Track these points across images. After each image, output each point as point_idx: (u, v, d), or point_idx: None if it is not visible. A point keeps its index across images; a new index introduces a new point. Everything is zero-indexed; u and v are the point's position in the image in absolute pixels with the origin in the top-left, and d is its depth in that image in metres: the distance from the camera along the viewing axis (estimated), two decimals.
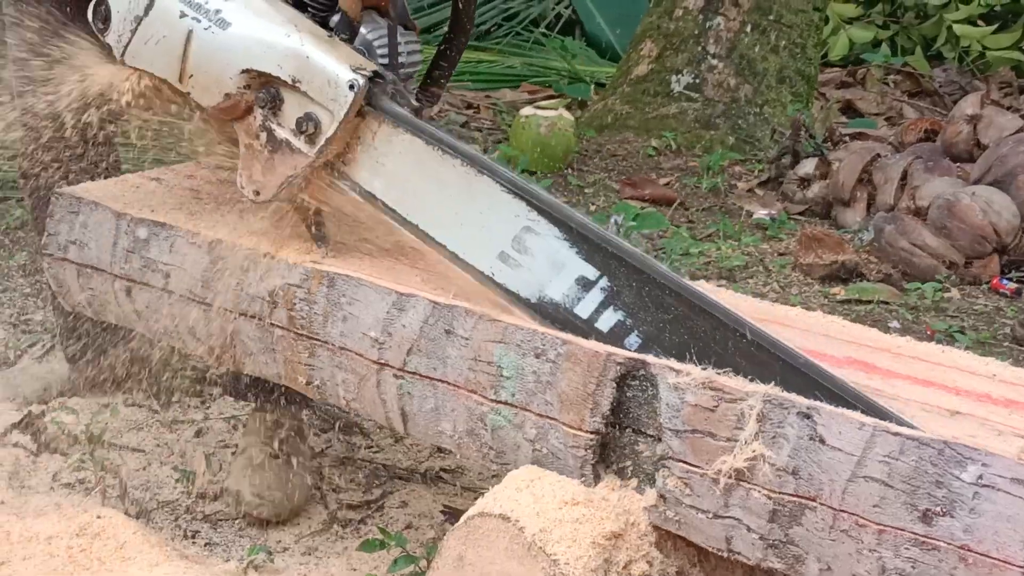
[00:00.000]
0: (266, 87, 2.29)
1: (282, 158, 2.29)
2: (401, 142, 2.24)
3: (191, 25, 2.33)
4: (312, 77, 2.25)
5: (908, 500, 1.70)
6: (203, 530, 2.77)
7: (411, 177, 2.25)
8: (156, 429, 3.16)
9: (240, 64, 2.29)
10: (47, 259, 2.69)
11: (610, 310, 2.07)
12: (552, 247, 2.12)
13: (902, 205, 4.92)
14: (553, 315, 2.10)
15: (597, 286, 2.08)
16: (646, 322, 2.03)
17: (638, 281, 2.05)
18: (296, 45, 2.26)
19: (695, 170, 5.98)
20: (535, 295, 2.13)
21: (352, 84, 2.22)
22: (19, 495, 2.82)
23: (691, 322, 2.00)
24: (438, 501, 2.91)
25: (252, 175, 2.33)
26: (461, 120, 6.80)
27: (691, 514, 1.89)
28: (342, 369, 2.27)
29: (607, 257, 2.08)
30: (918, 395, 1.97)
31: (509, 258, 2.15)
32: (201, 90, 2.35)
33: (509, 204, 2.15)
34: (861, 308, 4.32)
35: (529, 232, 2.14)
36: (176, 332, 2.53)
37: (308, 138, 2.26)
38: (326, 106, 2.24)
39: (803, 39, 6.56)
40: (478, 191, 2.18)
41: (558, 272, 2.11)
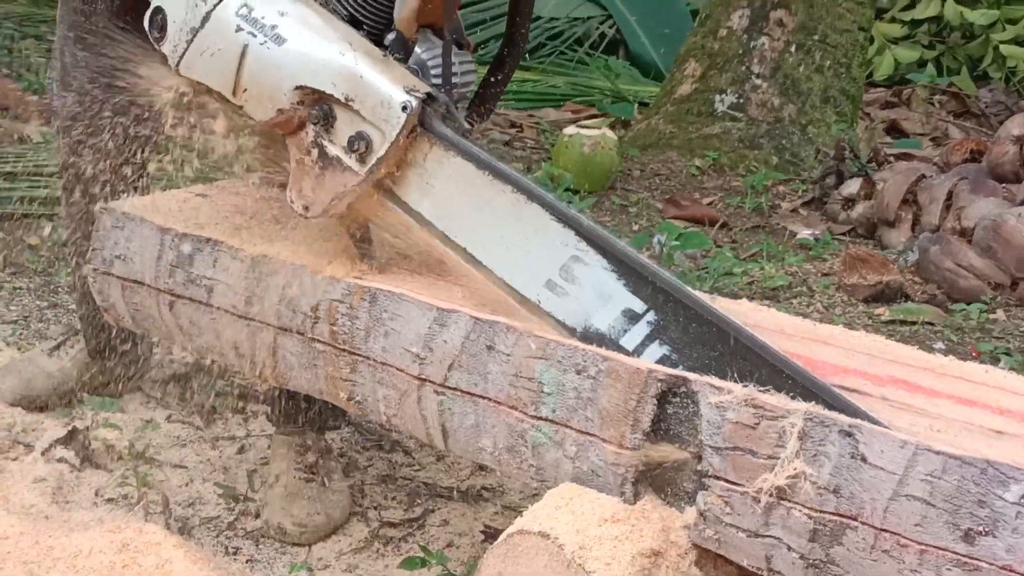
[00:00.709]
0: (319, 104, 2.29)
1: (332, 175, 2.30)
2: (452, 165, 2.25)
3: (247, 39, 2.34)
4: (365, 96, 2.25)
5: (950, 520, 1.69)
6: (245, 547, 2.78)
7: (460, 200, 2.25)
8: (199, 445, 3.18)
9: (294, 80, 2.30)
10: (92, 273, 2.72)
11: (655, 344, 2.07)
12: (600, 278, 2.12)
13: (947, 226, 4.89)
14: (599, 346, 2.08)
15: (644, 319, 2.09)
16: (691, 358, 2.03)
17: (685, 317, 2.05)
18: (350, 64, 2.27)
19: (738, 190, 5.96)
20: (581, 325, 2.13)
21: (405, 105, 2.22)
22: (63, 510, 2.83)
23: (735, 360, 2.00)
24: (479, 519, 2.91)
25: (302, 190, 2.34)
26: (505, 139, 6.81)
27: (731, 533, 1.88)
28: (383, 385, 2.27)
29: (655, 291, 2.08)
30: (961, 415, 1.95)
31: (556, 286, 2.16)
32: (255, 104, 2.36)
33: (558, 232, 2.16)
34: (906, 329, 4.30)
35: (577, 262, 2.14)
36: (219, 347, 2.55)
37: (359, 157, 2.26)
38: (378, 126, 2.25)
39: (848, 59, 6.54)
40: (527, 218, 2.19)
41: (605, 303, 2.11)
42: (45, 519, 2.73)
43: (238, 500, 2.91)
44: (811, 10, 6.47)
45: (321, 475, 2.87)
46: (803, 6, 6.47)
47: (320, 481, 2.86)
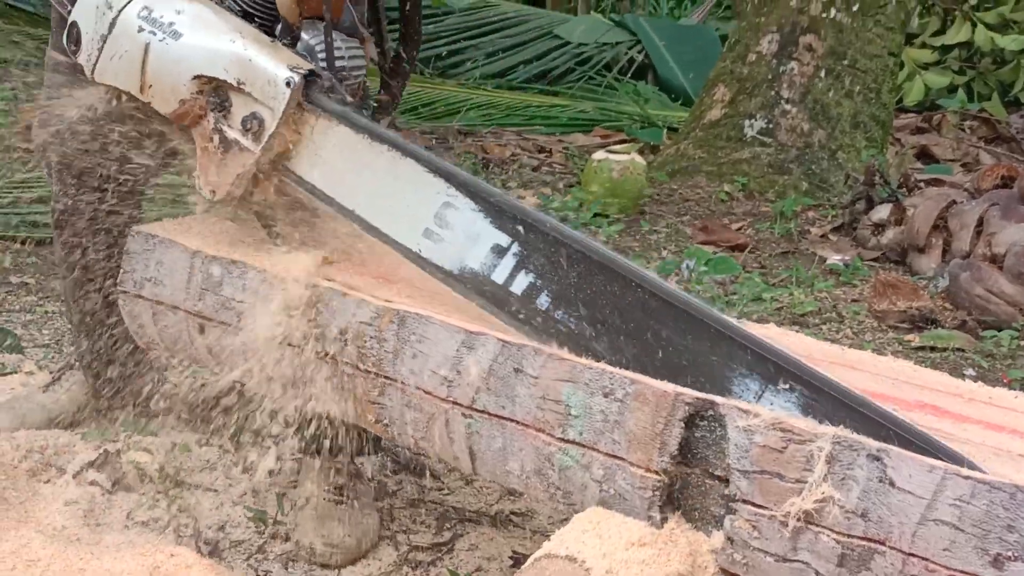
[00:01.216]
0: (216, 91, 2.46)
1: (233, 157, 2.46)
2: (335, 134, 2.40)
3: (148, 38, 2.51)
4: (255, 78, 2.42)
5: (979, 544, 1.68)
6: (275, 570, 2.78)
7: (345, 165, 2.40)
8: (229, 468, 3.18)
9: (192, 71, 2.47)
10: (122, 296, 2.74)
11: (522, 273, 2.20)
12: (469, 219, 2.26)
13: (978, 252, 4.88)
14: (473, 283, 2.25)
15: (509, 252, 2.22)
16: (554, 282, 2.17)
17: (545, 244, 2.18)
18: (240, 50, 2.44)
19: (768, 215, 5.96)
20: (457, 266, 2.27)
21: (288, 81, 2.38)
22: (94, 532, 2.84)
23: (592, 279, 2.12)
24: (508, 544, 2.91)
25: (208, 176, 2.50)
26: (533, 163, 6.83)
27: (759, 557, 1.88)
28: (411, 408, 2.28)
29: (516, 224, 2.21)
30: (990, 440, 1.95)
31: (433, 233, 2.29)
32: (160, 99, 2.52)
33: (431, 183, 2.30)
34: (936, 355, 4.28)
35: (449, 207, 2.28)
36: (248, 370, 2.56)
37: (254, 136, 2.42)
38: (268, 104, 2.41)
39: (878, 84, 6.54)
40: (402, 173, 2.33)
41: (475, 242, 2.25)
42: (77, 541, 2.74)
43: (267, 523, 2.91)
44: (841, 35, 6.47)
45: (351, 498, 2.88)
46: (833, 31, 6.47)
47: (350, 504, 2.87)
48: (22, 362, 3.74)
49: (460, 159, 6.56)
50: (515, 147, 7.14)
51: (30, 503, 2.95)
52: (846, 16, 6.48)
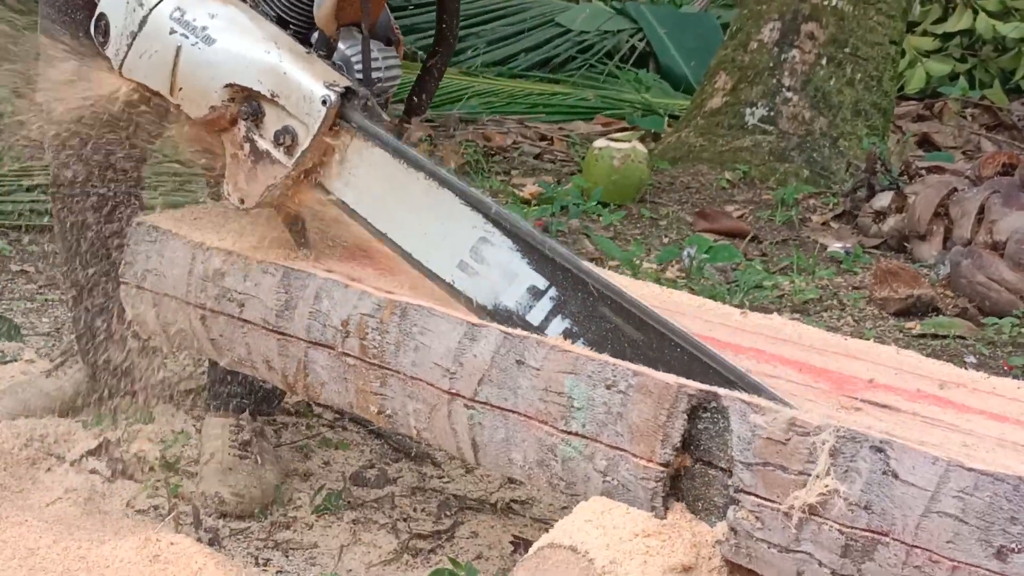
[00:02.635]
0: (248, 101, 2.43)
1: (263, 168, 2.44)
2: (371, 155, 2.38)
3: (180, 41, 2.48)
4: (289, 92, 2.39)
5: (982, 536, 1.68)
6: (275, 558, 2.78)
7: (379, 188, 2.39)
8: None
9: (224, 78, 2.44)
10: (124, 288, 2.74)
11: (558, 318, 2.19)
12: (506, 258, 2.25)
13: (979, 239, 4.87)
14: (508, 322, 2.21)
15: (547, 295, 2.21)
16: (590, 331, 2.14)
17: (583, 292, 2.17)
18: (275, 61, 2.41)
19: (769, 203, 5.95)
20: (491, 302, 2.25)
21: (325, 99, 2.36)
22: (94, 520, 2.84)
23: (628, 331, 2.11)
24: (508, 532, 2.91)
25: (237, 184, 2.48)
26: (535, 152, 6.82)
27: (762, 548, 1.88)
28: (413, 399, 2.28)
29: (555, 268, 2.20)
30: (993, 430, 1.94)
31: (468, 267, 2.28)
32: (190, 102, 2.50)
33: (467, 216, 2.29)
34: (937, 343, 4.28)
35: (485, 243, 2.27)
36: (250, 361, 2.57)
37: (286, 150, 2.40)
38: (302, 120, 2.38)
39: (879, 72, 6.53)
40: (439, 202, 2.32)
41: (511, 281, 2.24)
42: (76, 529, 2.74)
43: (267, 512, 2.92)
44: (842, 23, 6.46)
45: (255, 453, 2.99)
46: (834, 19, 6.46)
47: (254, 459, 2.98)
48: (22, 350, 3.73)
49: (462, 147, 6.55)
50: (516, 135, 7.13)
51: (30, 491, 2.96)
52: (847, 4, 6.47)
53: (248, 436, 3.01)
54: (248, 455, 2.98)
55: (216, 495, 2.91)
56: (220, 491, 2.91)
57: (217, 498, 2.91)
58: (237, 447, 2.99)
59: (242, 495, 2.91)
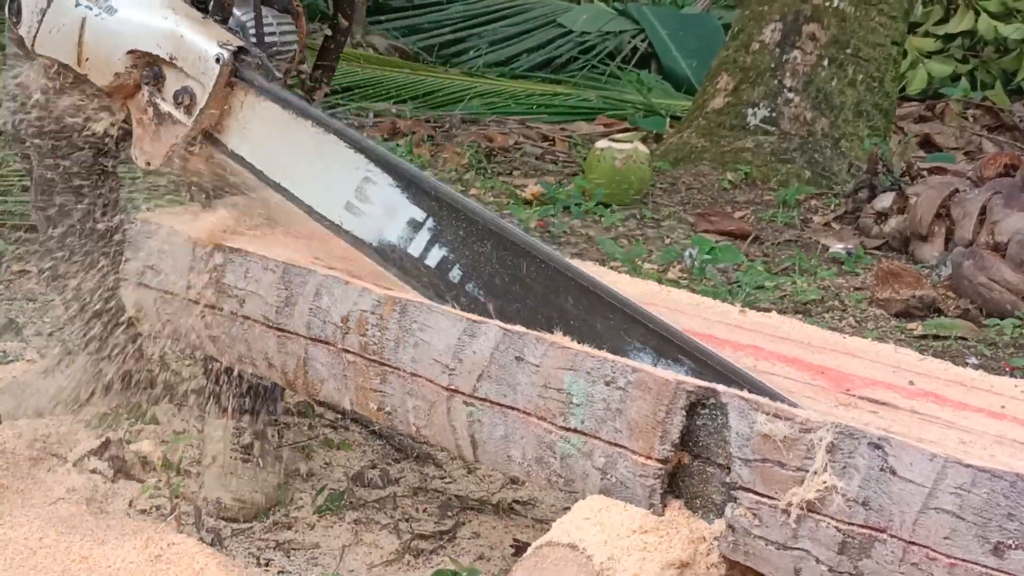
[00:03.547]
0: (149, 66, 2.57)
1: (166, 129, 2.57)
2: (263, 109, 2.51)
3: (84, 13, 2.61)
4: (186, 54, 2.53)
5: (980, 533, 1.68)
6: (276, 558, 2.78)
7: (272, 140, 2.52)
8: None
9: (126, 45, 2.58)
10: (124, 284, 2.74)
11: (436, 247, 2.33)
12: (387, 194, 2.38)
13: (981, 240, 4.87)
14: (391, 256, 2.38)
15: (425, 226, 2.34)
16: (465, 256, 2.29)
17: (457, 220, 2.30)
18: (172, 26, 2.55)
19: (771, 204, 5.96)
20: (376, 239, 2.39)
21: (218, 58, 2.50)
22: (96, 520, 2.84)
23: (501, 255, 2.25)
24: (510, 532, 2.91)
25: (143, 147, 2.61)
26: (537, 152, 6.82)
27: (759, 545, 1.88)
28: (413, 395, 2.28)
29: (431, 200, 2.34)
30: (991, 428, 1.95)
31: (353, 207, 2.42)
32: (96, 71, 2.63)
33: (351, 158, 2.42)
34: (938, 344, 4.28)
35: (368, 182, 2.40)
36: (250, 358, 2.57)
37: (186, 109, 2.53)
38: (199, 79, 2.52)
39: (881, 73, 6.53)
40: (326, 148, 2.45)
41: (393, 216, 2.37)
42: (78, 530, 2.74)
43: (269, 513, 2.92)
44: (844, 24, 6.46)
45: (256, 456, 3.00)
46: (836, 20, 6.46)
47: (255, 462, 2.99)
48: (24, 350, 3.74)
49: (463, 147, 6.56)
50: (518, 136, 7.13)
51: (32, 491, 2.95)
52: (849, 5, 6.47)
53: (249, 439, 3.01)
54: (249, 458, 2.99)
55: (218, 500, 2.92)
56: (222, 496, 2.92)
57: (219, 503, 2.91)
58: (239, 450, 3.00)
59: (244, 500, 2.92)
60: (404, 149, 6.29)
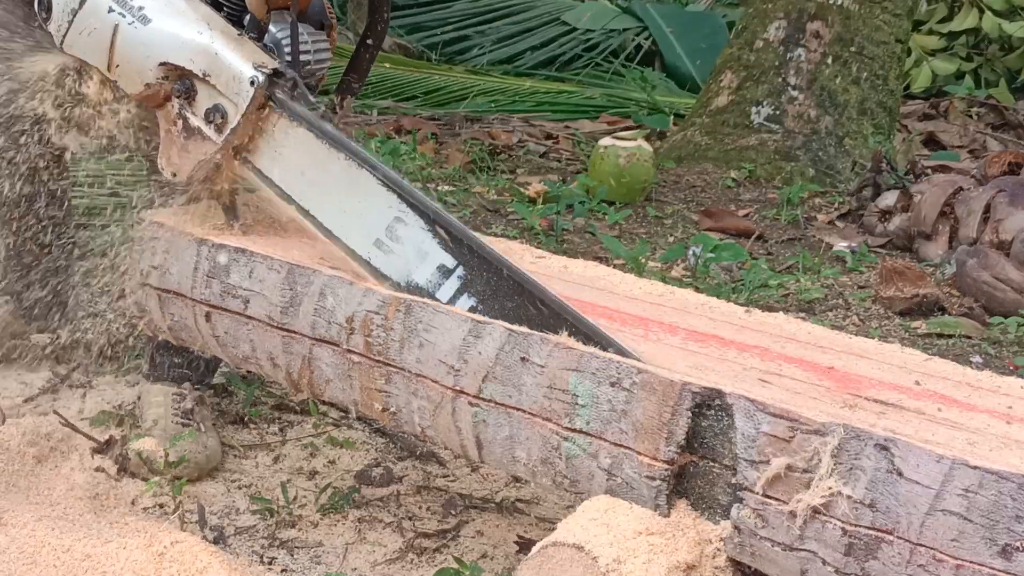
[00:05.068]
0: (181, 79, 2.57)
1: (195, 144, 2.57)
2: (296, 135, 2.50)
3: (117, 19, 2.62)
4: (220, 72, 2.53)
5: (987, 535, 1.68)
6: (280, 556, 2.78)
7: (303, 167, 2.51)
8: (233, 455, 3.19)
9: (159, 57, 2.58)
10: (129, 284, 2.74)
11: (465, 296, 2.32)
12: (418, 237, 2.38)
13: (985, 239, 4.86)
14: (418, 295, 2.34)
15: (455, 274, 2.34)
16: (494, 309, 2.28)
17: (487, 272, 2.30)
18: (207, 42, 2.54)
19: (774, 202, 5.95)
20: (404, 280, 2.38)
21: (253, 80, 2.49)
22: (100, 518, 2.84)
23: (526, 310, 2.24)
24: (513, 531, 2.91)
25: (170, 158, 2.62)
26: (540, 150, 6.82)
27: (766, 546, 1.88)
28: (418, 396, 2.28)
29: (462, 248, 2.33)
30: (998, 430, 1.94)
31: (383, 244, 2.41)
32: (126, 79, 2.64)
33: (383, 195, 2.41)
34: (942, 342, 4.28)
35: (400, 222, 2.39)
36: (255, 358, 2.57)
37: (216, 127, 2.53)
38: (232, 99, 2.51)
39: (885, 71, 6.53)
40: (358, 182, 2.43)
41: (423, 260, 2.37)
42: (82, 527, 2.75)
43: (272, 510, 2.92)
44: (848, 22, 6.46)
45: (197, 420, 3.07)
46: (840, 18, 6.46)
47: (196, 427, 3.05)
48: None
49: (467, 145, 6.55)
50: (522, 133, 7.13)
51: (36, 488, 2.96)
52: (853, 3, 6.47)
53: (190, 404, 3.09)
54: (191, 422, 3.06)
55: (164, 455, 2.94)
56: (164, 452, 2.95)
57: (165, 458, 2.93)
58: (180, 415, 3.07)
59: (187, 460, 2.97)
60: (408, 147, 6.29)
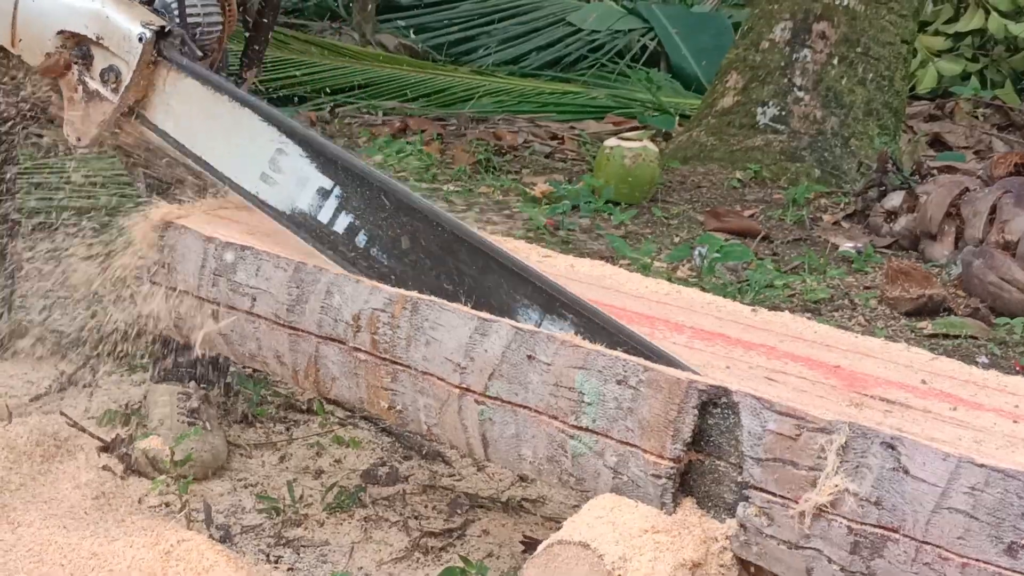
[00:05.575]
0: (79, 46, 2.70)
1: (95, 106, 2.70)
2: (184, 86, 2.64)
3: None
4: (111, 34, 2.66)
5: (993, 533, 1.68)
6: (286, 555, 2.78)
7: (192, 114, 2.65)
8: (239, 454, 3.19)
9: (56, 26, 2.71)
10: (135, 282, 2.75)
11: (343, 214, 2.46)
12: (298, 164, 2.50)
13: (991, 239, 4.86)
14: (303, 223, 2.50)
15: (332, 194, 2.47)
16: (369, 222, 2.42)
17: (361, 188, 2.43)
18: (98, 7, 2.68)
19: (780, 202, 5.95)
20: (289, 208, 2.52)
21: (141, 37, 2.63)
22: (106, 517, 2.85)
23: (400, 219, 2.38)
24: (519, 530, 2.91)
25: (75, 125, 2.74)
26: (546, 151, 6.82)
27: (771, 544, 1.88)
28: (424, 394, 2.28)
29: (338, 169, 2.46)
30: (1005, 428, 1.94)
31: (268, 177, 2.54)
32: (28, 52, 2.77)
33: (265, 130, 2.54)
34: (948, 343, 4.27)
35: (281, 153, 2.52)
36: (261, 356, 2.57)
37: (112, 87, 2.67)
38: (123, 58, 2.65)
39: (891, 71, 6.53)
40: (241, 122, 2.57)
41: (303, 186, 2.49)
42: (89, 526, 2.75)
43: (279, 509, 2.92)
44: (854, 23, 6.46)
45: (203, 419, 3.09)
46: (846, 19, 6.46)
47: (202, 425, 3.07)
48: None
49: (472, 145, 6.55)
50: (527, 134, 7.13)
51: (43, 487, 2.96)
52: (859, 3, 6.47)
53: (196, 403, 3.11)
54: (197, 421, 3.08)
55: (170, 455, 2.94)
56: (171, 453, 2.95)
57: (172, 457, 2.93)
58: (185, 414, 3.09)
59: (194, 460, 2.98)
60: (414, 147, 6.29)
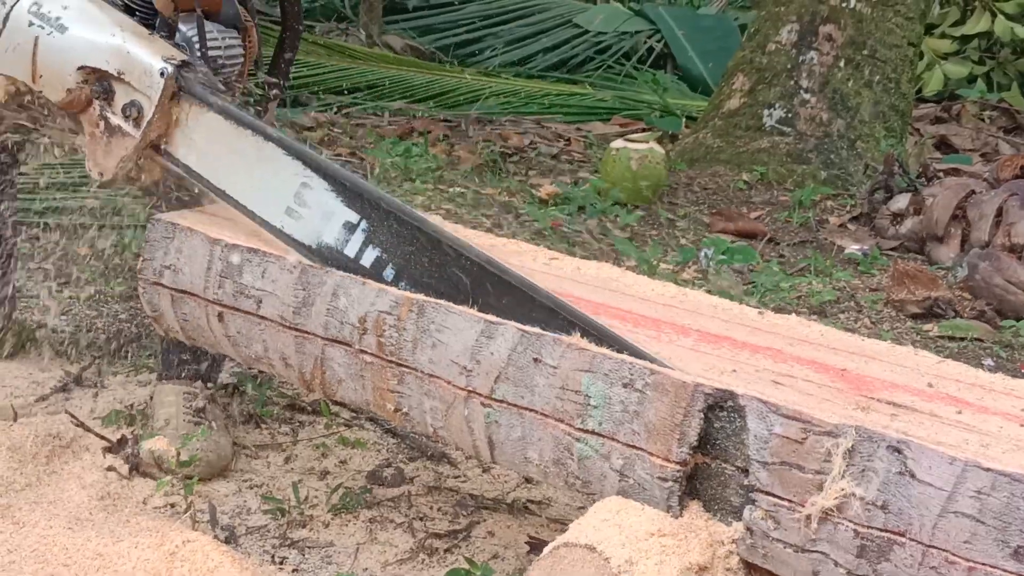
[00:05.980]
0: (100, 81, 2.69)
1: (117, 142, 2.69)
2: (206, 120, 2.63)
3: (37, 32, 2.75)
4: (133, 69, 2.66)
5: (999, 537, 1.68)
6: (291, 556, 2.79)
7: (215, 149, 2.63)
8: (245, 454, 3.19)
9: (77, 62, 2.70)
10: (141, 283, 2.75)
11: (370, 248, 2.44)
12: (323, 199, 2.49)
13: (997, 242, 4.86)
14: (329, 257, 2.47)
15: (359, 228, 2.45)
16: (397, 256, 2.41)
17: (388, 221, 2.42)
18: (119, 43, 2.67)
19: (786, 204, 5.95)
20: (314, 242, 2.49)
21: (162, 71, 2.62)
22: (111, 517, 2.85)
23: (429, 253, 2.36)
24: (525, 531, 2.91)
25: (96, 160, 2.73)
26: (552, 152, 6.82)
27: (778, 548, 1.87)
28: (430, 396, 2.28)
29: (364, 203, 2.45)
30: (1011, 432, 1.94)
31: (293, 211, 2.52)
32: (49, 87, 2.75)
33: (289, 164, 2.53)
34: (954, 345, 4.27)
35: (306, 187, 2.51)
36: (267, 358, 2.57)
37: (134, 122, 2.66)
38: (145, 92, 2.64)
39: (897, 74, 6.52)
40: (265, 156, 2.56)
41: (329, 220, 2.48)
42: (94, 527, 2.75)
43: (284, 510, 2.92)
44: (860, 25, 6.45)
45: (209, 419, 3.10)
46: (852, 21, 6.46)
47: (208, 425, 3.08)
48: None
49: (479, 147, 6.56)
50: (534, 135, 7.14)
51: (48, 487, 2.96)
52: (866, 6, 6.47)
53: (202, 403, 3.12)
54: (203, 421, 3.09)
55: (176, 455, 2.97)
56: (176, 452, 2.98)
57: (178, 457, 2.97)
58: (192, 414, 3.10)
59: (199, 460, 2.99)
60: (420, 148, 6.29)
